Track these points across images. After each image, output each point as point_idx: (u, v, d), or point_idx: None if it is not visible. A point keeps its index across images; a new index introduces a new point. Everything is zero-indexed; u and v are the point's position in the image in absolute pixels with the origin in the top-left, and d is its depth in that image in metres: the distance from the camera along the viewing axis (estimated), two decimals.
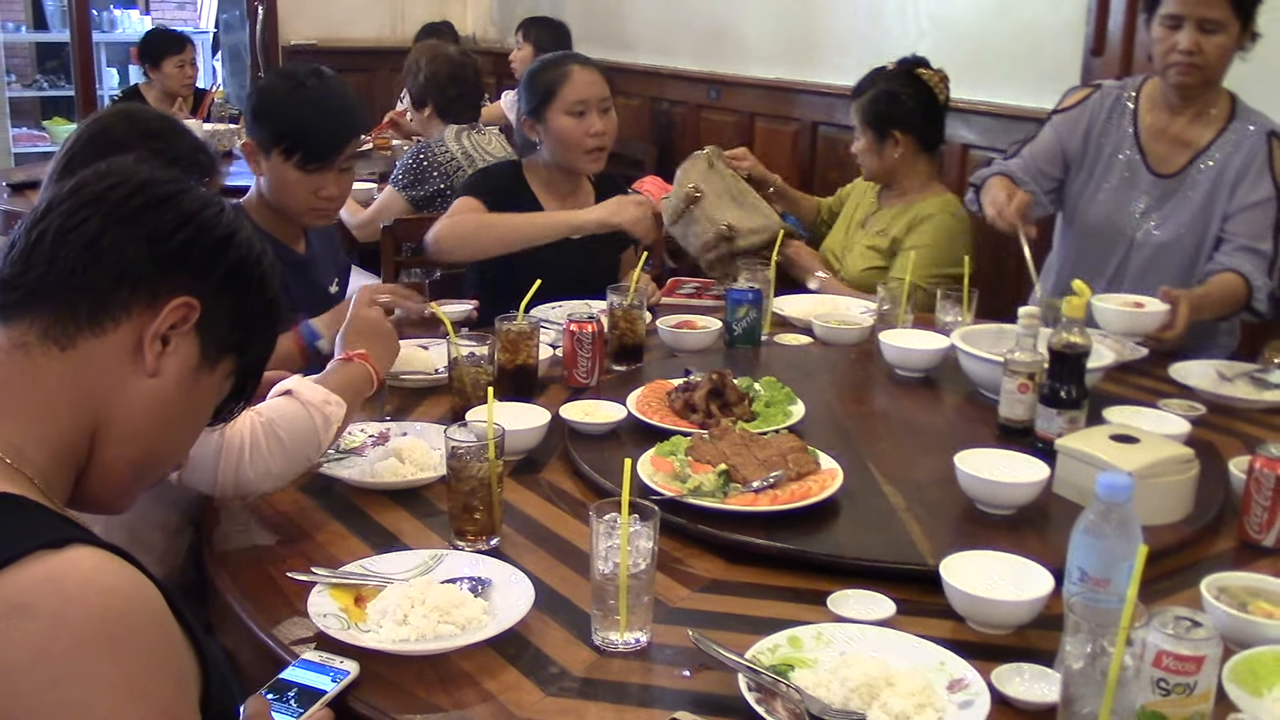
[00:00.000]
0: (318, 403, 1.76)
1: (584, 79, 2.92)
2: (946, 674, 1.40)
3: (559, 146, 2.93)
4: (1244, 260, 2.68)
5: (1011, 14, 4.21)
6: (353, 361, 1.91)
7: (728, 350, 2.65)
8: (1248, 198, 2.71)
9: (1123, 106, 2.89)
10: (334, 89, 2.44)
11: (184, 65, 5.71)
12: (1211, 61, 2.67)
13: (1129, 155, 2.86)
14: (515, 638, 1.48)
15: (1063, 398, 2.01)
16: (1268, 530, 1.77)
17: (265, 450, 1.70)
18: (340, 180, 2.44)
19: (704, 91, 5.76)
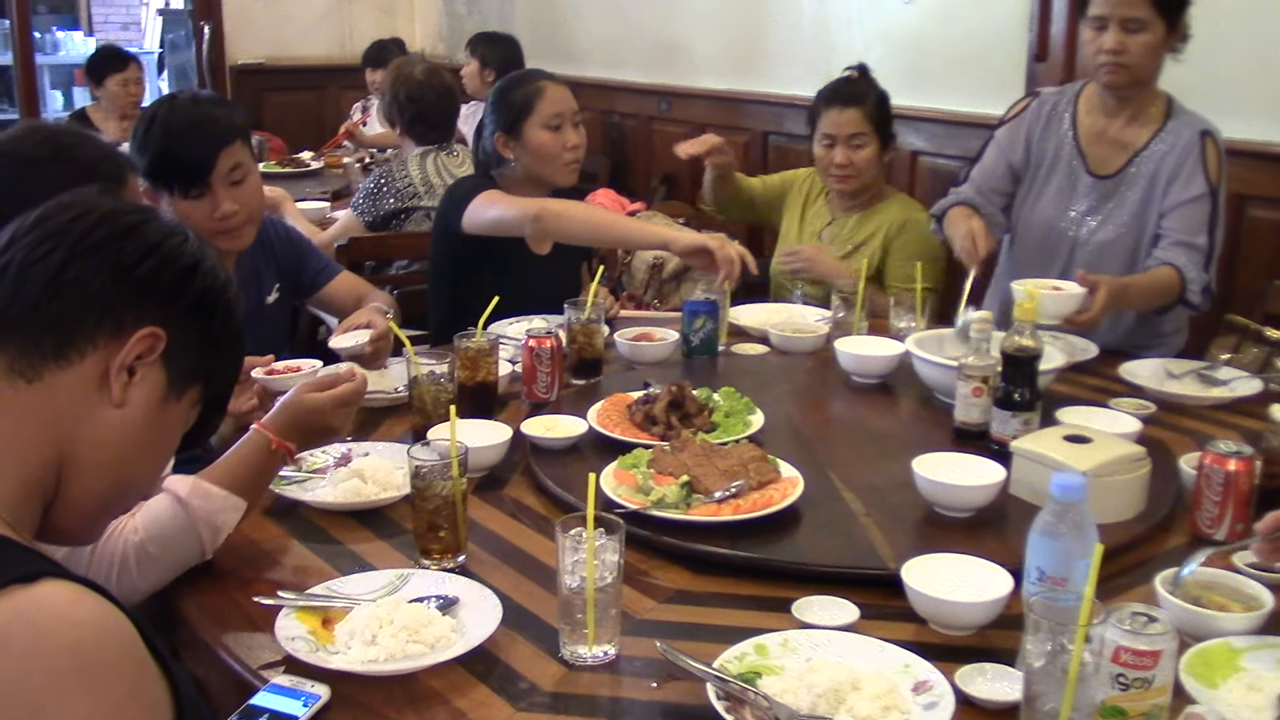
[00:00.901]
0: (207, 515, 1.65)
1: (557, 94, 2.95)
2: (911, 676, 1.42)
3: (537, 161, 2.94)
4: (1178, 254, 2.72)
5: (955, 22, 4.28)
6: (276, 452, 1.77)
7: (686, 361, 2.67)
8: (1182, 195, 2.76)
9: (1061, 112, 2.94)
10: (183, 111, 2.37)
11: (128, 83, 5.66)
12: (1137, 60, 2.72)
13: (1069, 159, 2.91)
14: (484, 655, 1.49)
15: (1016, 400, 2.05)
16: (1219, 525, 1.80)
17: (134, 573, 1.60)
18: (235, 195, 2.38)
19: (655, 104, 5.80)
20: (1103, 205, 2.86)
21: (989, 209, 2.97)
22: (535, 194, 2.96)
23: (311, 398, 1.82)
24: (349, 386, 1.87)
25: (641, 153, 6.02)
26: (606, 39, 6.21)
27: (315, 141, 6.25)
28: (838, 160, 3.24)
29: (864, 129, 3.24)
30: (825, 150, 3.28)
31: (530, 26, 6.64)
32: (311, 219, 4.26)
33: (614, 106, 6.10)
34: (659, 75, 5.79)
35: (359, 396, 1.90)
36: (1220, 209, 2.77)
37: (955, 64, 4.29)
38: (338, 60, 7.47)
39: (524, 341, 2.38)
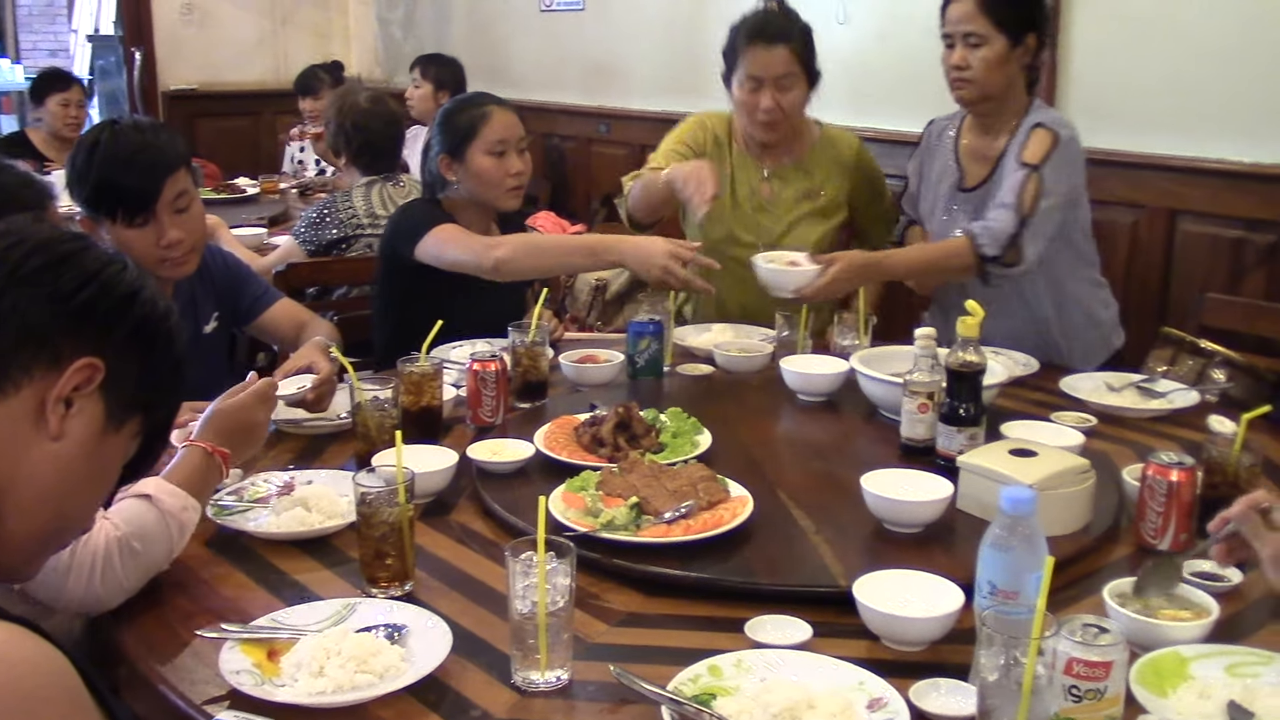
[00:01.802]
0: (176, 511, 1.70)
1: (503, 120, 2.92)
2: (866, 694, 1.41)
3: (479, 185, 2.92)
4: (977, 222, 2.78)
5: (889, 42, 4.33)
6: (213, 457, 1.81)
7: (631, 382, 2.66)
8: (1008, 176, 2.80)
9: (947, 135, 3.03)
10: (126, 138, 2.33)
11: (68, 105, 5.56)
12: (980, 75, 2.79)
13: (950, 177, 2.99)
14: (434, 683, 1.46)
15: (962, 415, 2.06)
16: (1163, 535, 1.82)
17: (119, 568, 1.62)
18: (179, 223, 2.35)
19: (594, 126, 5.81)
20: (976, 216, 2.89)
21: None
22: (479, 217, 2.96)
23: (231, 401, 1.89)
24: (263, 381, 1.97)
25: (581, 175, 6.02)
26: (544, 62, 6.21)
27: (251, 167, 6.18)
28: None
29: (793, 68, 3.02)
30: (750, 94, 3.04)
31: (467, 49, 6.63)
32: (248, 245, 4.20)
33: (553, 129, 6.10)
34: (598, 97, 5.80)
35: (274, 389, 2.00)
36: (1044, 184, 2.73)
37: (892, 84, 4.34)
38: (272, 85, 7.40)
39: (468, 365, 2.36)
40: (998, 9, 2.77)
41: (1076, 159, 2.82)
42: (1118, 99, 3.10)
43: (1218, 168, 3.50)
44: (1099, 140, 3.67)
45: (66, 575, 1.59)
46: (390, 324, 2.97)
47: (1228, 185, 3.49)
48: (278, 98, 7.09)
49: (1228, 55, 3.44)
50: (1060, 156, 2.75)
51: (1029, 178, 2.74)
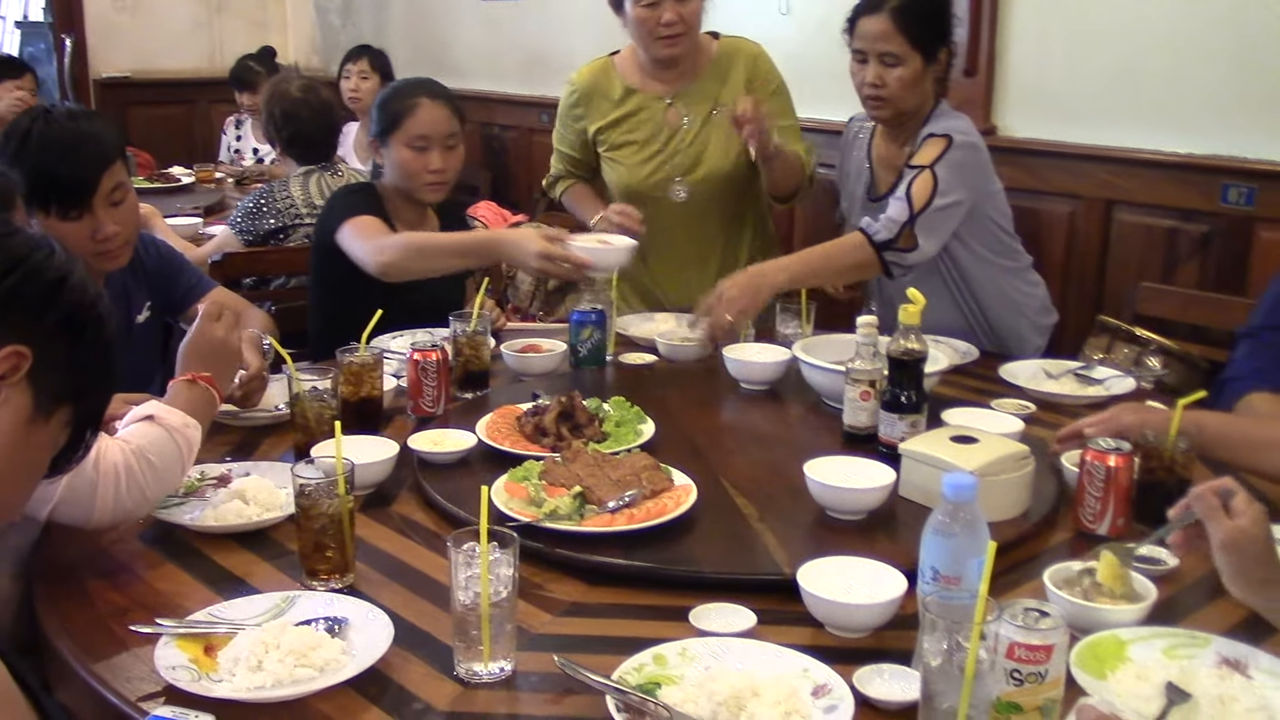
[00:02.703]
0: (180, 427, 1.79)
1: (429, 115, 2.87)
2: (810, 680, 1.42)
3: (398, 175, 2.90)
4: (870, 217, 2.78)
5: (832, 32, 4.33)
6: (196, 384, 1.89)
7: (574, 372, 2.65)
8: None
9: (863, 137, 3.03)
10: (62, 127, 2.25)
11: (20, 90, 5.42)
12: (896, 93, 2.78)
13: (864, 181, 3.01)
14: (376, 676, 1.44)
15: (903, 403, 2.07)
16: (1101, 519, 1.84)
17: (140, 477, 1.72)
18: (115, 215, 2.29)
19: (535, 115, 5.77)
20: None
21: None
22: (407, 206, 2.94)
23: (195, 331, 1.97)
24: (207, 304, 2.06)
25: (522, 164, 5.99)
26: (485, 51, 6.17)
27: (186, 156, 6.08)
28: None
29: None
30: (648, 10, 2.98)
31: (407, 39, 6.57)
32: (183, 235, 4.14)
33: (493, 119, 6.06)
34: (538, 87, 5.77)
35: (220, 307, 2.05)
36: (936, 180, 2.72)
37: (835, 75, 4.34)
38: (207, 73, 7.28)
39: (409, 355, 2.33)
40: (915, 29, 2.74)
41: (974, 160, 2.81)
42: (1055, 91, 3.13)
43: (1153, 159, 3.54)
44: (1036, 131, 3.71)
45: (93, 493, 1.68)
46: (325, 314, 2.93)
47: (1162, 176, 3.54)
48: (213, 86, 6.98)
49: (1163, 48, 3.49)
50: (953, 159, 2.74)
51: (919, 175, 2.74)
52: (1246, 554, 1.44)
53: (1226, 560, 1.45)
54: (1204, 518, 1.46)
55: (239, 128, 6.08)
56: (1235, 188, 3.39)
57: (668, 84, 3.15)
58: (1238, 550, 1.44)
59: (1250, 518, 1.44)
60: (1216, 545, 1.45)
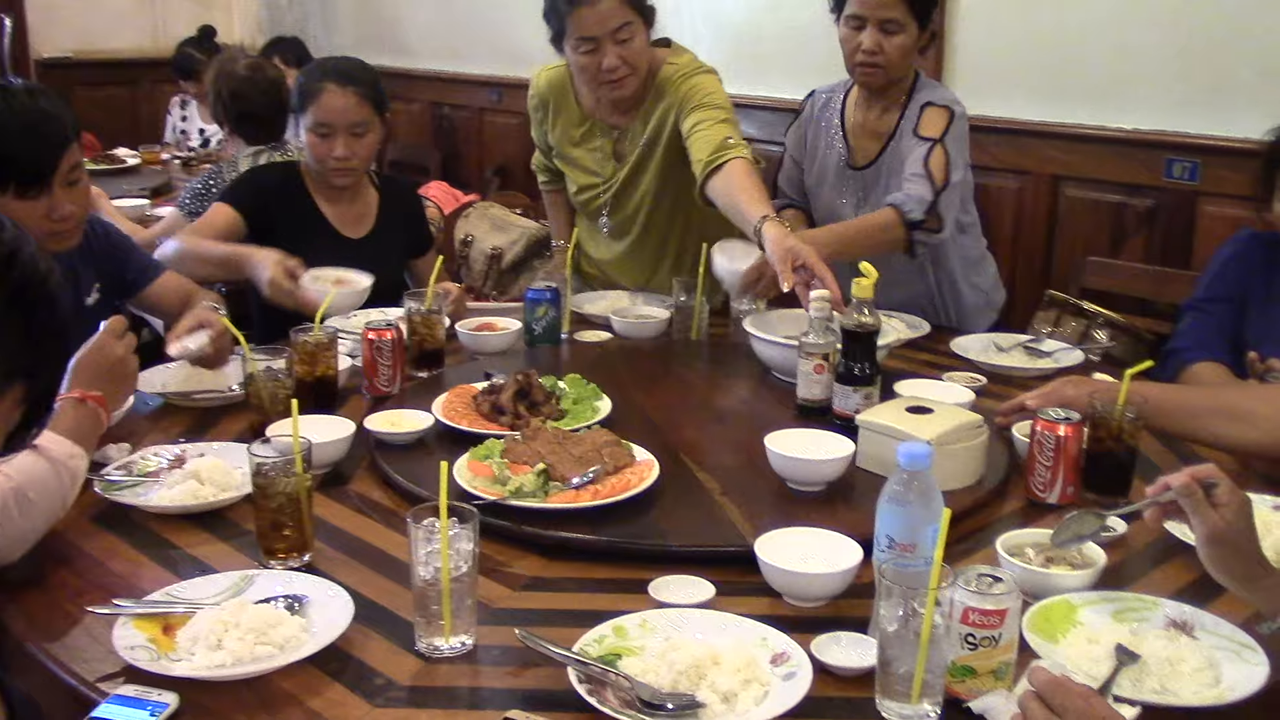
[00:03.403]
0: (64, 459, 1.69)
1: (334, 103, 2.82)
2: (769, 649, 1.43)
3: (309, 157, 2.91)
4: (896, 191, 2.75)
5: (780, 10, 4.35)
6: (85, 404, 1.78)
7: (529, 350, 2.65)
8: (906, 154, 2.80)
9: (832, 107, 3.01)
10: (20, 104, 2.19)
11: None
12: (893, 61, 2.79)
13: (837, 153, 2.98)
14: (337, 653, 1.44)
15: (857, 375, 2.09)
16: (1051, 488, 1.88)
17: (18, 518, 1.61)
18: (71, 195, 2.24)
19: (486, 95, 5.75)
20: (869, 195, 2.92)
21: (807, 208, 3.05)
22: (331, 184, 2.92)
23: (85, 348, 1.87)
24: (112, 318, 1.96)
25: (473, 145, 5.96)
26: (436, 29, 6.12)
27: (130, 138, 5.99)
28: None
29: (627, 15, 2.74)
30: (588, 56, 2.79)
31: (356, 17, 6.51)
32: (130, 217, 4.08)
33: (444, 98, 6.02)
34: (490, 66, 5.74)
35: (123, 323, 1.96)
36: (949, 155, 2.76)
37: (783, 52, 4.37)
38: (151, 53, 7.16)
39: (363, 334, 2.32)
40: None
41: (966, 133, 2.85)
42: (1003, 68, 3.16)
43: (1099, 135, 3.60)
44: (985, 108, 3.75)
45: None
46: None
47: (1108, 152, 3.60)
48: (157, 66, 6.87)
49: (1108, 25, 3.53)
50: (957, 131, 2.78)
51: (933, 149, 2.74)
52: (1231, 547, 1.45)
53: (1211, 552, 1.46)
54: (1189, 510, 1.46)
55: (184, 108, 6.00)
56: (1179, 163, 3.45)
57: (620, 115, 3.00)
58: (1223, 543, 1.45)
59: (1234, 510, 1.45)
60: (1202, 538, 1.46)
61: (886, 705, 1.35)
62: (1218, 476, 1.48)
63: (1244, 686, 1.36)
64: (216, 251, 2.76)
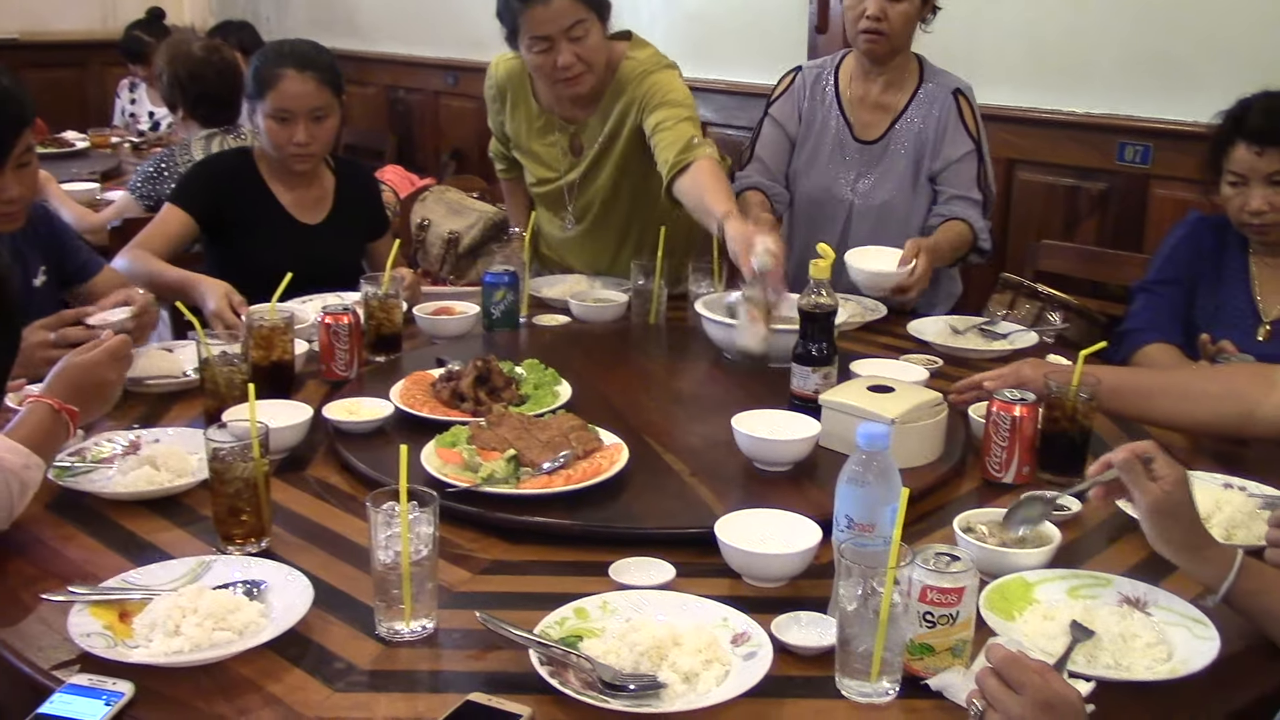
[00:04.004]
0: (17, 469, 1.64)
1: (294, 89, 2.77)
2: (729, 629, 1.44)
3: (267, 143, 2.86)
4: (962, 208, 2.87)
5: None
6: (60, 415, 1.75)
7: (487, 334, 2.64)
8: (951, 155, 2.91)
9: (825, 82, 3.04)
10: None
11: None
12: (896, 28, 2.83)
13: (836, 127, 3.01)
14: (296, 638, 1.44)
15: (815, 355, 2.10)
16: (1007, 468, 1.90)
17: None
18: (20, 178, 2.20)
19: (441, 78, 5.71)
20: (872, 169, 2.96)
21: (776, 188, 3.05)
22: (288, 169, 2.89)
23: (83, 357, 1.83)
24: (118, 338, 1.92)
25: (429, 128, 5.93)
26: (390, 13, 6.07)
27: (79, 121, 5.90)
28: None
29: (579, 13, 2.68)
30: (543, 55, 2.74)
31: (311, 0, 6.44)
32: (80, 201, 4.04)
33: (399, 81, 5.98)
34: (445, 49, 5.70)
35: (128, 347, 1.93)
36: (986, 160, 2.91)
37: (740, 36, 4.37)
38: (99, 35, 7.05)
39: (320, 318, 2.30)
40: None
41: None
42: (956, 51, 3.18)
43: (1052, 118, 3.63)
44: None
45: None
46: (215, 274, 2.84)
47: (1062, 136, 3.63)
48: (105, 48, 6.77)
49: (1061, 10, 3.56)
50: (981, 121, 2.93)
51: (979, 164, 2.89)
52: (1171, 517, 1.48)
53: (1152, 524, 1.49)
54: (1129, 484, 1.50)
55: (133, 91, 5.92)
56: (1132, 146, 3.49)
57: (578, 109, 2.97)
58: (1163, 514, 1.48)
59: (1172, 481, 1.48)
60: (1143, 510, 1.49)
61: (846, 683, 1.36)
62: (1155, 451, 1.51)
63: (1196, 661, 1.38)
64: (167, 277, 2.71)
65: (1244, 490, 1.85)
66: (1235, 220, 2.42)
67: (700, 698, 1.32)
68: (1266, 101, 2.35)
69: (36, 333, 2.17)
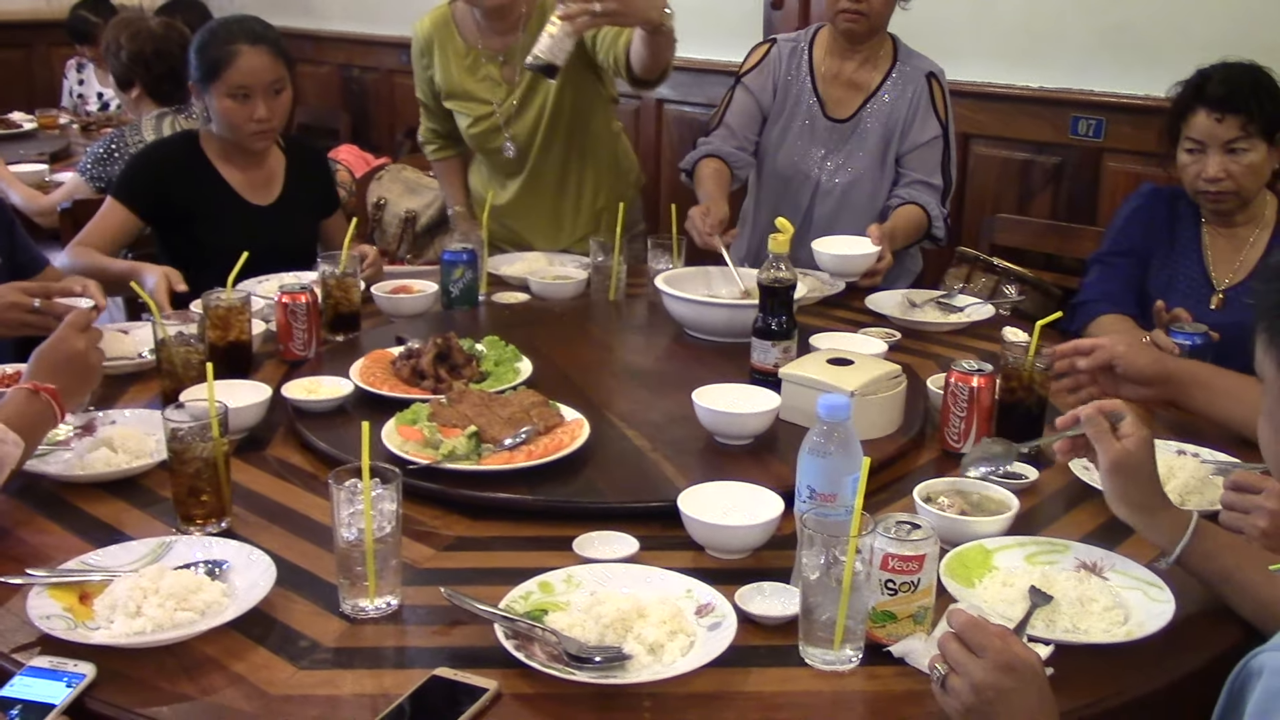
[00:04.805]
0: None
1: (250, 63, 2.72)
2: (694, 600, 1.45)
3: (223, 125, 2.79)
4: (921, 193, 2.88)
5: None
6: (39, 395, 1.72)
7: (446, 312, 2.63)
8: (918, 138, 2.92)
9: (799, 56, 3.03)
10: None
11: None
12: (877, 8, 2.84)
13: (808, 103, 3.00)
14: (260, 617, 1.43)
15: (774, 329, 2.11)
16: (965, 439, 1.92)
17: None
18: None
19: (395, 56, 5.66)
20: (841, 148, 2.97)
21: (740, 155, 3.03)
22: (240, 150, 2.84)
23: (56, 338, 1.81)
24: (76, 310, 1.91)
25: (383, 106, 5.88)
26: None
27: (26, 102, 5.81)
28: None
29: None
30: None
31: None
32: (29, 182, 3.98)
33: (353, 60, 5.92)
34: (398, 27, 5.64)
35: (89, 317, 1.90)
36: (951, 146, 2.94)
37: (695, 12, 4.35)
38: (45, 15, 6.93)
39: (277, 297, 2.29)
40: None
41: None
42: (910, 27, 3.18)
43: (1006, 93, 3.65)
44: None
45: None
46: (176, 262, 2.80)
47: (1016, 110, 3.66)
48: (51, 28, 6.65)
49: None
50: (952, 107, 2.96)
51: (944, 150, 2.91)
52: (1131, 477, 1.49)
53: (1111, 481, 1.50)
54: (1093, 439, 1.51)
55: (80, 71, 5.82)
56: (1085, 120, 3.52)
57: (501, 38, 3.08)
58: (1123, 472, 1.49)
59: (1136, 441, 1.49)
60: (1104, 467, 1.50)
61: (810, 652, 1.37)
62: (1125, 410, 1.52)
63: (1151, 624, 1.41)
64: (112, 270, 2.66)
65: (1197, 457, 1.88)
66: (1191, 189, 2.44)
67: (665, 668, 1.33)
68: (1227, 70, 2.38)
69: (13, 292, 2.13)
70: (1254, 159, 2.36)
